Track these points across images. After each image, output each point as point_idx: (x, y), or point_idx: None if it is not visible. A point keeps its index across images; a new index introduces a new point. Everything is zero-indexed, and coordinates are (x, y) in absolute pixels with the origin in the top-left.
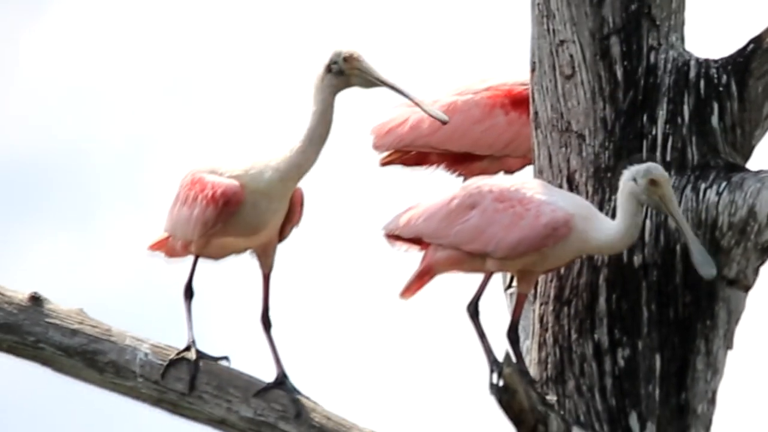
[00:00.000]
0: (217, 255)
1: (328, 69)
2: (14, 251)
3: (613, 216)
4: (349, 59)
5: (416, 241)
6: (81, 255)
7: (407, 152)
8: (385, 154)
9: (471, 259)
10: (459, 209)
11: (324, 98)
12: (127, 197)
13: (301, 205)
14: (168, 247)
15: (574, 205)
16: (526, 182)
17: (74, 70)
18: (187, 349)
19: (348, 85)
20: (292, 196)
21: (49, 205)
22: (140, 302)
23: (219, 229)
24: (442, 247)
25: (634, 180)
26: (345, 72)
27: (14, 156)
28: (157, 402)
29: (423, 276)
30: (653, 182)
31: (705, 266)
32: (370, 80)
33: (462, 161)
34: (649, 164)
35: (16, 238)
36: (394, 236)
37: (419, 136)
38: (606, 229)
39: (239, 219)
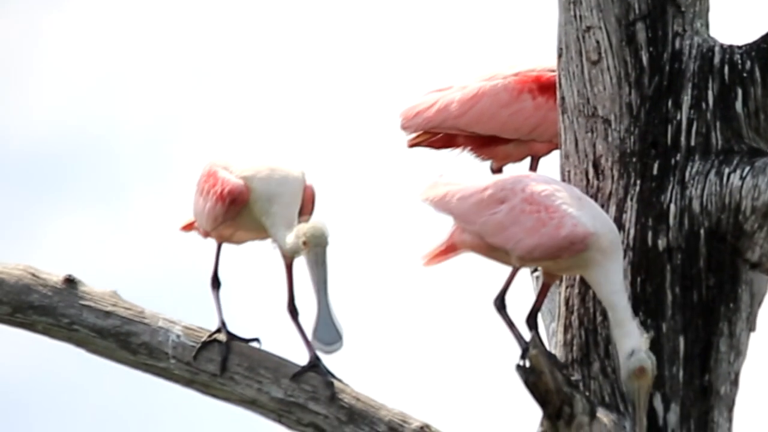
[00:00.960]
0: (237, 242)
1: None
2: (48, 234)
3: (639, 202)
4: (305, 244)
5: None
6: (113, 238)
7: (434, 134)
8: (413, 135)
9: (492, 249)
10: (490, 200)
11: (294, 246)
12: (158, 180)
13: (313, 202)
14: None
15: (601, 226)
16: (560, 189)
17: (102, 54)
18: (218, 331)
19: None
20: (303, 194)
21: (83, 189)
22: (172, 284)
23: (230, 223)
24: (468, 231)
25: (631, 353)
26: (301, 249)
27: (46, 141)
28: (189, 383)
29: (447, 251)
30: (642, 371)
31: None
32: (308, 264)
33: (488, 144)
34: (646, 357)
35: (50, 221)
36: (430, 201)
37: (447, 117)
38: (610, 283)
39: (247, 217)
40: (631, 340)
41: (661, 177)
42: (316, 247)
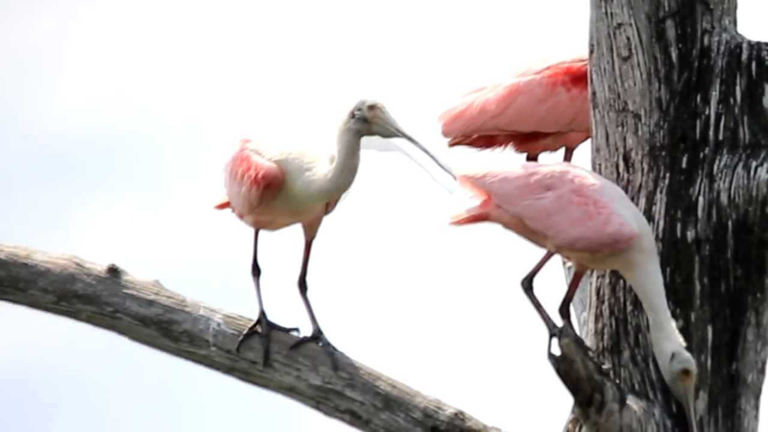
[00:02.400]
0: (273, 228)
1: (352, 115)
2: (90, 224)
3: (669, 194)
4: (372, 108)
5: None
6: (155, 228)
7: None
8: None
9: (530, 231)
10: (535, 185)
11: (347, 140)
12: (198, 169)
13: None
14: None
15: (644, 228)
16: (607, 186)
17: (136, 45)
18: (258, 322)
19: (369, 132)
20: None
21: (124, 180)
22: (213, 274)
23: (265, 207)
24: (505, 210)
25: (673, 357)
26: (368, 120)
27: (85, 132)
28: (230, 370)
29: (477, 218)
30: (686, 372)
31: None
32: (390, 130)
33: (529, 140)
34: (689, 357)
35: (92, 211)
36: (467, 178)
37: (488, 119)
38: (653, 283)
39: (281, 202)
40: (671, 342)
41: (689, 170)
42: (382, 110)
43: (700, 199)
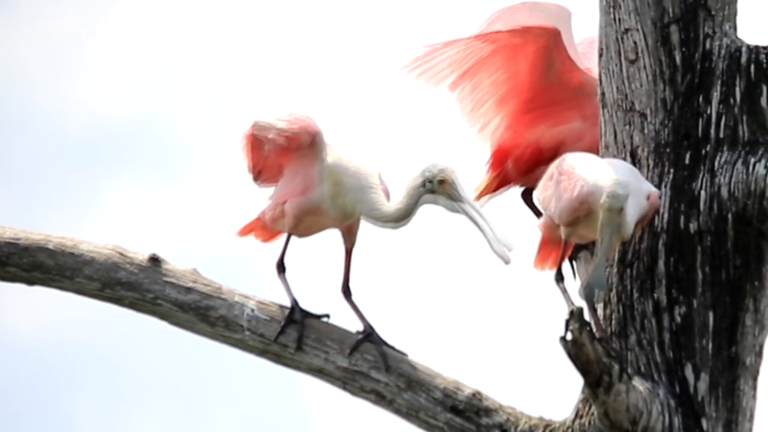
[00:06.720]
0: (306, 234)
1: (423, 184)
2: (130, 215)
3: (673, 189)
4: (442, 183)
5: None
6: (193, 219)
7: None
8: None
9: (556, 225)
10: (546, 180)
11: (410, 203)
12: (227, 159)
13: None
14: (259, 230)
15: (599, 182)
16: (589, 158)
17: (158, 36)
18: (293, 310)
19: (434, 201)
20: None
21: (162, 173)
22: (248, 262)
23: (314, 206)
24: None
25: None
26: (435, 191)
27: (115, 120)
28: (262, 353)
29: (542, 245)
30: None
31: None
32: (453, 206)
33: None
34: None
35: (134, 203)
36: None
37: None
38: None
39: (323, 213)
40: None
41: (692, 166)
42: (452, 185)
43: (702, 193)
